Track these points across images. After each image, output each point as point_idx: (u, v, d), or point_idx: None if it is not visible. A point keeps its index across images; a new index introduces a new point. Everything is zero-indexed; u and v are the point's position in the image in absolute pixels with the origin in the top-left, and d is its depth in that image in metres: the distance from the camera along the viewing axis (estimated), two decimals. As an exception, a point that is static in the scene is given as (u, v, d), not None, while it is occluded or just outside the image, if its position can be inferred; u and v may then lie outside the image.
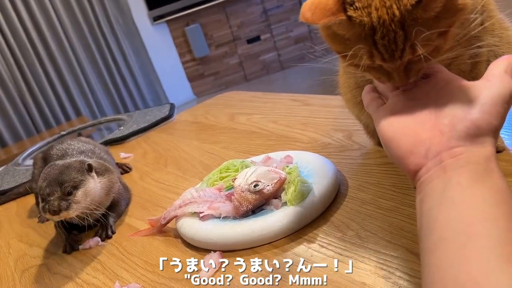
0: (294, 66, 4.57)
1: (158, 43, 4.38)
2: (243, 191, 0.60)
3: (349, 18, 0.37)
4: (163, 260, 0.60)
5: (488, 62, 0.50)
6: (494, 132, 0.37)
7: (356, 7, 0.37)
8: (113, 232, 0.73)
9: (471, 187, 0.34)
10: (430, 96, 0.41)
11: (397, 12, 0.35)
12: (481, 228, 0.31)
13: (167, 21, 4.35)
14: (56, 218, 0.66)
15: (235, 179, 0.64)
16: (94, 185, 0.70)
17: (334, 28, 0.39)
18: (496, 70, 0.39)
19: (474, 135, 0.36)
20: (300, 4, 4.39)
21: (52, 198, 0.65)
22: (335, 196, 0.61)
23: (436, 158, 0.37)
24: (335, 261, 0.49)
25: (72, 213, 0.66)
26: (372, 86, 0.47)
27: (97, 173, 0.74)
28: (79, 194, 0.67)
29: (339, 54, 0.41)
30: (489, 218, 0.32)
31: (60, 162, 0.71)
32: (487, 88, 0.38)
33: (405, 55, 0.38)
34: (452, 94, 0.39)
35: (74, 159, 0.74)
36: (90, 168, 0.71)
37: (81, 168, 0.69)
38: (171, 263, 0.59)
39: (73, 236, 0.73)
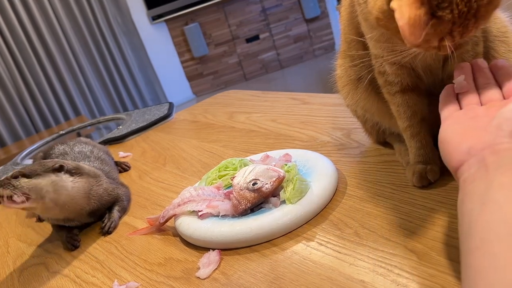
0: (293, 65, 4.57)
1: (157, 42, 4.38)
2: (241, 190, 0.60)
3: (438, 17, 0.41)
4: (162, 259, 0.60)
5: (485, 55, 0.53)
6: None
7: (442, 7, 0.41)
8: (109, 232, 0.72)
9: None
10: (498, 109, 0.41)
11: (474, 5, 0.41)
12: None
13: (166, 20, 4.35)
14: None
15: (233, 177, 0.64)
16: (50, 183, 0.69)
17: None
18: None
19: None
20: (299, 3, 4.39)
21: (2, 177, 0.67)
22: (334, 194, 0.61)
23: (478, 154, 0.37)
24: (334, 259, 0.49)
25: (5, 193, 0.65)
26: (451, 90, 0.48)
27: (75, 173, 0.73)
28: (23, 181, 0.67)
29: (401, 40, 0.44)
30: None
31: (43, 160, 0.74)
32: None
33: (471, 33, 0.43)
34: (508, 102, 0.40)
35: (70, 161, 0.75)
36: (60, 169, 0.71)
37: (49, 166, 0.71)
38: (170, 261, 0.59)
39: (72, 235, 0.73)
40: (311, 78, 4.10)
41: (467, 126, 0.42)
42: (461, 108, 0.46)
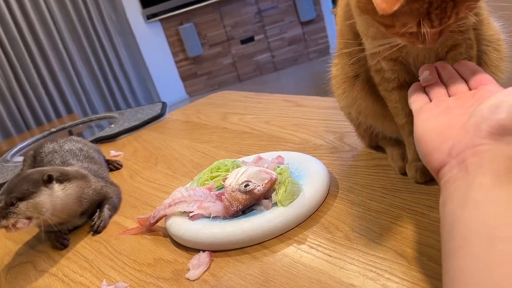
0: (288, 68, 4.58)
1: (152, 41, 4.36)
2: (233, 191, 0.60)
3: None
4: (151, 259, 0.60)
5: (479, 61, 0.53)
6: None
7: None
8: (98, 232, 0.72)
9: (494, 188, 0.33)
10: (472, 103, 0.41)
11: None
12: (505, 232, 0.30)
13: (160, 20, 4.33)
14: None
15: (225, 178, 0.64)
16: (47, 197, 0.68)
17: None
18: None
19: (499, 134, 0.36)
20: (295, 6, 4.40)
21: None
22: (326, 197, 0.61)
23: (459, 156, 0.37)
24: (324, 262, 0.49)
25: (10, 222, 0.64)
26: (419, 84, 0.48)
27: (63, 180, 0.72)
28: (22, 205, 0.65)
29: (386, 26, 0.46)
30: None
31: (24, 172, 0.71)
32: None
33: (450, 20, 0.43)
34: (485, 98, 0.40)
35: (39, 168, 0.73)
36: (49, 179, 0.69)
37: (37, 180, 0.68)
38: (159, 262, 0.59)
39: (61, 234, 0.72)
40: (305, 80, 4.11)
41: (443, 122, 0.41)
42: (430, 101, 0.46)
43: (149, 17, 4.28)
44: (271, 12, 4.44)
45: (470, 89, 0.44)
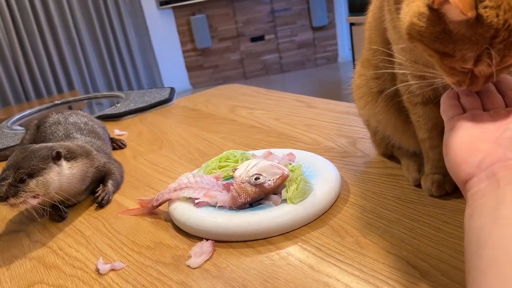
0: (294, 71, 4.57)
1: (162, 28, 4.33)
2: (243, 182, 0.59)
3: (478, 16, 0.35)
4: (151, 242, 0.58)
5: None
6: None
7: (486, 6, 0.35)
8: (102, 205, 0.70)
9: None
10: (507, 121, 0.40)
11: None
12: None
13: (173, 7, 4.31)
14: (3, 205, 0.61)
15: (236, 169, 0.62)
16: (56, 175, 0.66)
17: (453, 25, 0.37)
18: None
19: None
20: (309, 10, 4.39)
21: (3, 183, 0.61)
22: (336, 200, 0.60)
23: (489, 169, 0.36)
24: (332, 265, 0.47)
25: (19, 201, 0.61)
26: (453, 93, 0.45)
27: (70, 158, 0.70)
28: (33, 183, 0.62)
29: (443, 55, 0.39)
30: None
31: (30, 147, 0.67)
32: None
33: (510, 59, 0.37)
34: None
35: (45, 144, 0.69)
36: (58, 156, 0.67)
37: (46, 156, 0.65)
38: (159, 246, 0.57)
39: (59, 207, 0.70)
40: (310, 86, 4.10)
41: (474, 134, 0.40)
42: (464, 111, 0.44)
43: (162, 3, 4.25)
44: (284, 13, 4.43)
45: (506, 105, 0.43)
